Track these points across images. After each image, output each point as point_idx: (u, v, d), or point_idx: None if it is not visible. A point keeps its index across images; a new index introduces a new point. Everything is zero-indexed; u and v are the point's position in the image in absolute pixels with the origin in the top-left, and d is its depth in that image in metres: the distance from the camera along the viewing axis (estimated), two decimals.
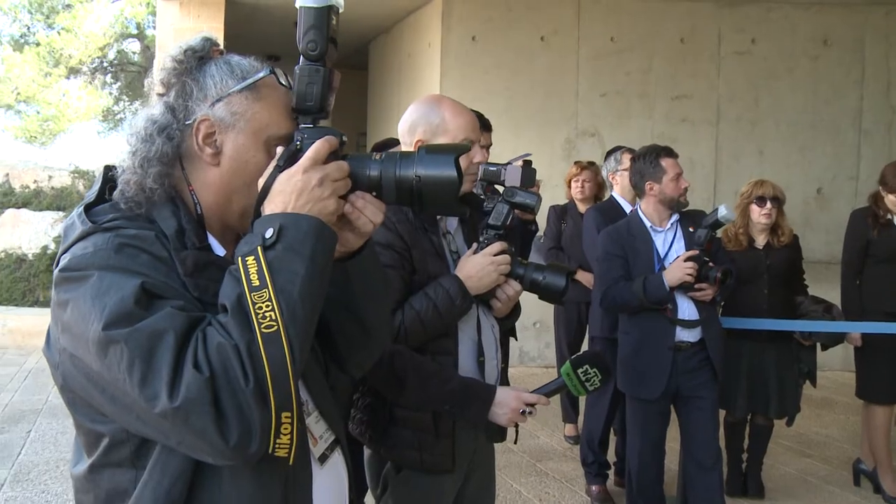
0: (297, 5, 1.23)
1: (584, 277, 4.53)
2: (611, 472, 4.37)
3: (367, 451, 2.20)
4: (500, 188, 2.61)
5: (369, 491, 2.24)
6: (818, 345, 4.14)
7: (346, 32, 1.69)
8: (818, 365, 4.46)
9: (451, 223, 2.23)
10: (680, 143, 7.14)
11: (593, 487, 4.27)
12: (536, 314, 6.21)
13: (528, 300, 2.33)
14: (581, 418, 4.72)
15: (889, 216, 4.30)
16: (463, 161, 2.01)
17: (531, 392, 2.10)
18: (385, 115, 9.11)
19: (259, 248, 1.13)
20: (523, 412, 2.07)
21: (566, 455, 4.86)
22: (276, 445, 1.12)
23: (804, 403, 4.51)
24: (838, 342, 4.12)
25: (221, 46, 1.34)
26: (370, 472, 2.19)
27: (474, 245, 2.15)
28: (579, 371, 2.05)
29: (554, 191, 5.87)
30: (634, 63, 7.41)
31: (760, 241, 4.12)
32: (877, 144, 7.26)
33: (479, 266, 2.08)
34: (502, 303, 2.18)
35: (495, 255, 2.10)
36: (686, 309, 3.44)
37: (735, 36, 7.44)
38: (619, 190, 4.31)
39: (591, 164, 5.09)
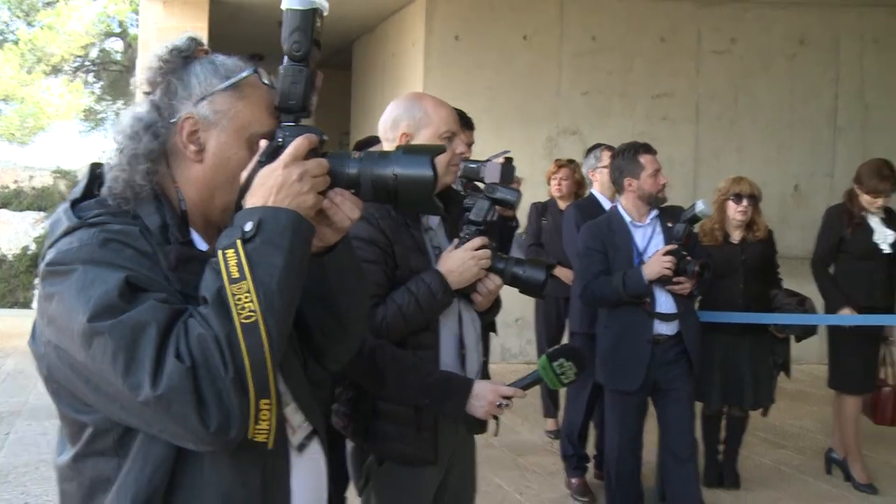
0: (283, 7, 1.28)
1: (563, 273, 4.59)
2: (591, 465, 4.43)
3: (349, 445, 2.24)
4: (482, 185, 2.66)
5: (352, 483, 2.29)
6: (792, 337, 4.22)
7: (329, 32, 1.72)
8: (794, 358, 4.56)
9: (433, 219, 2.28)
10: (660, 141, 7.19)
11: (573, 480, 4.33)
12: (518, 310, 6.27)
13: (510, 297, 2.38)
14: (562, 413, 4.79)
15: (863, 214, 4.39)
16: (444, 155, 2.08)
17: (508, 385, 2.15)
18: (368, 113, 9.14)
19: (238, 240, 1.17)
20: (500, 405, 2.12)
21: (546, 449, 4.93)
22: (256, 431, 1.16)
23: (779, 395, 4.61)
24: (811, 334, 4.20)
25: (206, 46, 1.37)
26: (353, 464, 2.24)
27: (455, 240, 2.20)
28: (555, 364, 2.10)
29: (536, 188, 5.93)
30: (615, 62, 7.49)
31: (736, 236, 4.20)
32: (851, 142, 7.38)
33: (460, 261, 2.13)
34: (483, 297, 2.23)
35: (476, 250, 2.15)
36: (664, 302, 3.51)
37: (714, 35, 7.54)
38: (598, 187, 4.38)
39: (571, 161, 5.16)
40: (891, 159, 4.43)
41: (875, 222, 4.37)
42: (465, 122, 3.32)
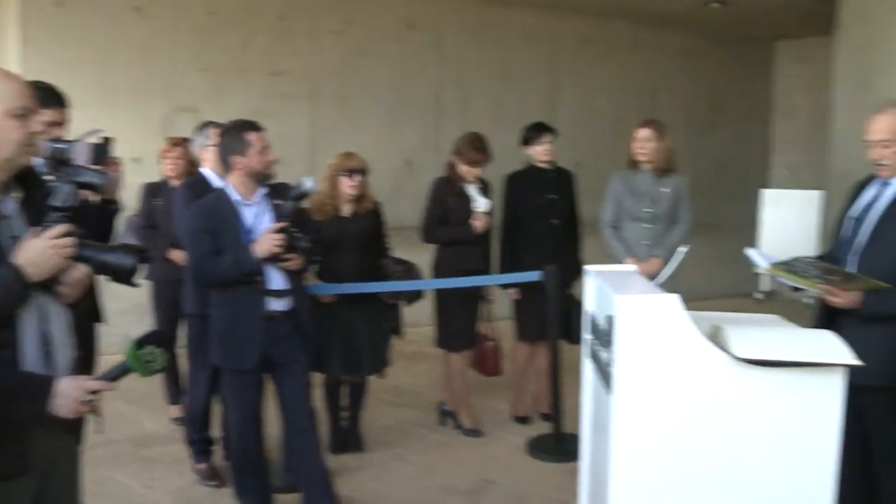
0: None
1: (177, 255, 4.44)
2: (219, 448, 4.36)
3: None
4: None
5: None
6: (403, 302, 4.52)
7: None
8: (411, 321, 4.88)
9: (8, 206, 2.05)
10: (278, 118, 7.28)
11: (199, 465, 4.24)
12: (136, 297, 5.88)
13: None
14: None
15: (462, 185, 4.80)
16: (13, 132, 1.88)
17: (95, 379, 2.03)
18: None
19: None
20: (88, 401, 1.99)
21: (173, 437, 4.75)
22: None
23: (397, 357, 4.90)
24: (419, 298, 4.53)
25: None
26: None
27: (35, 229, 2.01)
28: (142, 352, 2.02)
29: (151, 168, 5.64)
30: (234, 38, 7.36)
31: (347, 210, 4.37)
32: (455, 120, 8.03)
33: (38, 251, 1.95)
34: (69, 288, 2.07)
35: (57, 239, 1.98)
36: (276, 279, 3.53)
37: (331, 16, 7.72)
38: (208, 165, 4.26)
39: (185, 140, 4.97)
40: (487, 136, 4.88)
41: (472, 191, 4.81)
42: (56, 100, 3.06)
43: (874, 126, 3.03)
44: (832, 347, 2.10)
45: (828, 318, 3.08)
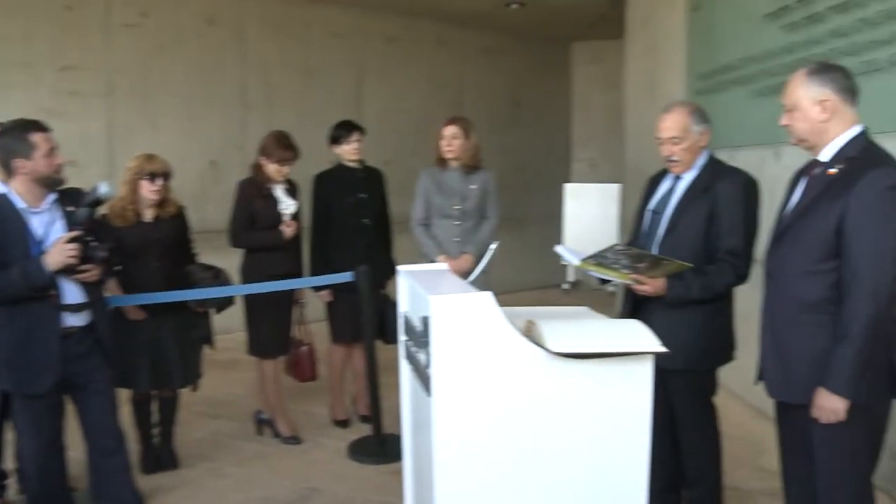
0: None
1: None
2: (13, 481, 4.00)
3: None
4: None
5: None
6: (212, 310, 4.33)
7: None
8: (223, 328, 4.70)
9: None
10: (71, 117, 6.82)
11: None
12: None
13: None
14: None
15: (270, 186, 4.66)
16: None
17: None
18: None
19: None
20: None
21: None
22: None
23: (210, 366, 4.72)
24: (230, 305, 4.36)
25: None
26: None
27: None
28: None
29: None
30: (13, 28, 6.76)
31: (149, 214, 4.13)
32: (259, 119, 7.82)
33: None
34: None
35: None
36: (72, 293, 3.29)
37: (125, 8, 7.27)
38: None
39: None
40: (293, 134, 4.77)
41: (280, 193, 4.69)
42: None
43: (663, 124, 3.23)
44: (640, 336, 2.21)
45: (634, 305, 3.27)
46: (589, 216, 9.42)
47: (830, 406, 2.46)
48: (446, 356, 2.14)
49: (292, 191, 4.75)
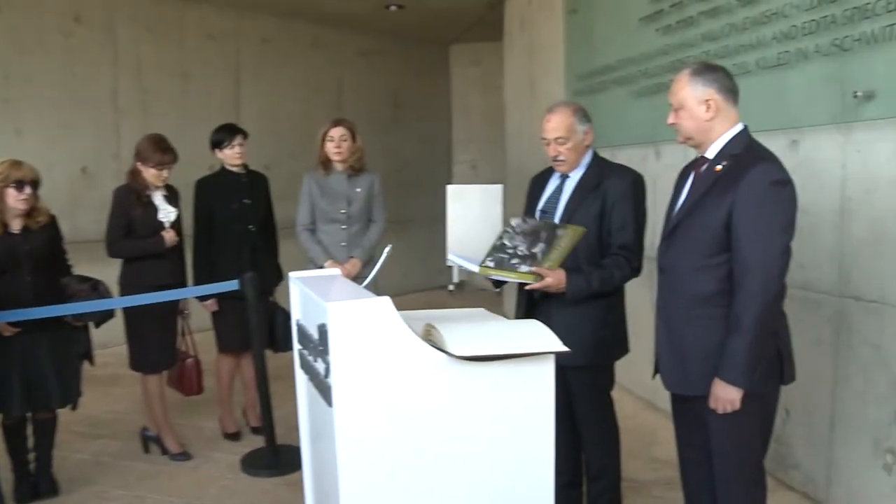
0: None
1: None
2: None
3: None
4: None
5: None
6: (92, 324, 4.11)
7: None
8: (101, 343, 4.47)
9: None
10: None
11: None
12: None
13: None
14: None
15: (149, 193, 4.48)
16: None
17: None
18: None
19: None
20: None
21: None
22: None
23: (90, 384, 4.50)
24: (110, 318, 4.14)
25: None
26: None
27: None
28: None
29: None
30: None
31: (16, 225, 3.90)
32: (133, 123, 7.50)
33: None
34: None
35: None
36: None
37: None
38: None
39: None
40: (170, 138, 4.59)
41: (159, 200, 4.52)
42: None
43: (548, 125, 3.28)
44: (541, 336, 2.23)
45: (529, 304, 3.30)
46: (472, 217, 9.39)
47: (726, 396, 2.56)
48: (346, 364, 2.10)
49: (172, 197, 4.59)
